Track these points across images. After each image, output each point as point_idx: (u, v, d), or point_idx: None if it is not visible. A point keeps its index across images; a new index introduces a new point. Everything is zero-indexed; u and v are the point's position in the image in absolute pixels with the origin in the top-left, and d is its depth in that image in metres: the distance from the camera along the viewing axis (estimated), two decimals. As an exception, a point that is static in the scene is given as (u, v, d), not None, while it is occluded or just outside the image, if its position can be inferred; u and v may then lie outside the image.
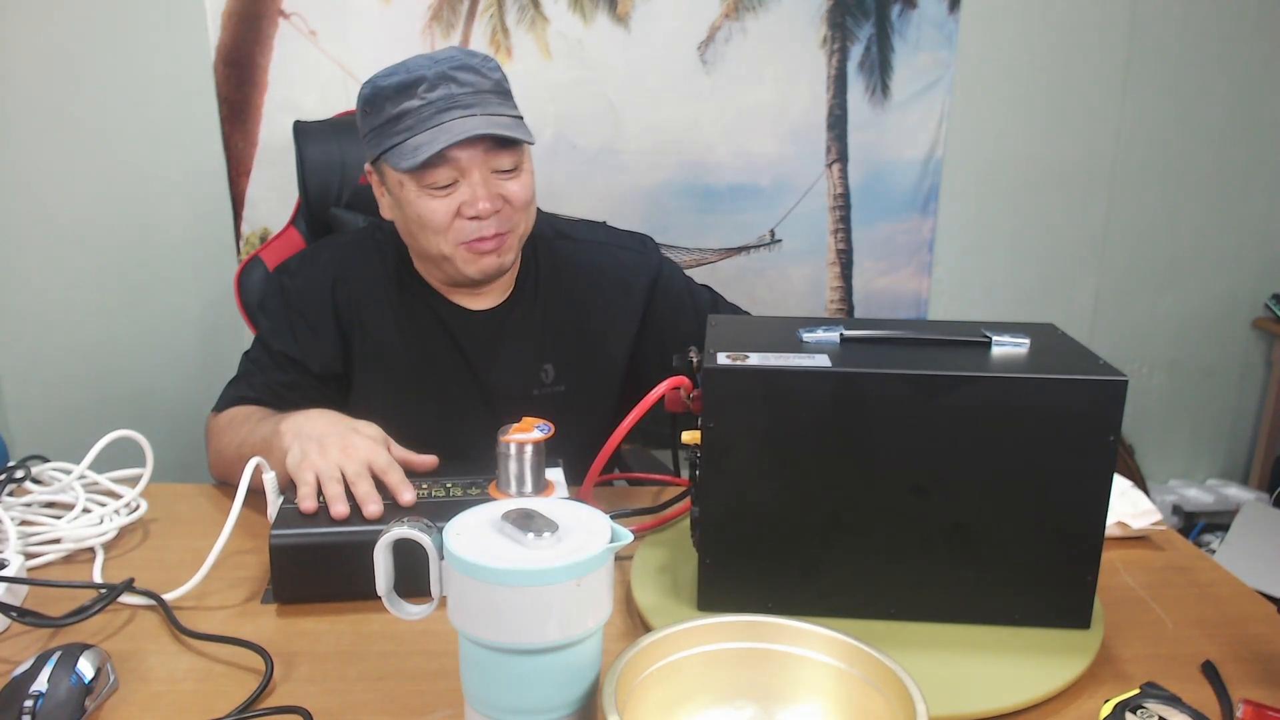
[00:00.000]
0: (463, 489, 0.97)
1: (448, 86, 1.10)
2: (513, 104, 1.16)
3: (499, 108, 1.12)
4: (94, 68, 2.04)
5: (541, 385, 1.25)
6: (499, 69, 1.16)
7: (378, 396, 1.22)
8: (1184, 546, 1.03)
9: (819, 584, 0.83)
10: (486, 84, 1.13)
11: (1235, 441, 2.62)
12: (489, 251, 1.15)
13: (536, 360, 1.25)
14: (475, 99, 1.11)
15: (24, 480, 1.07)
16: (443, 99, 1.09)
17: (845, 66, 2.20)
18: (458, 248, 1.14)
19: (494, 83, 1.14)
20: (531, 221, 1.19)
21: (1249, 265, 2.48)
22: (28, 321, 2.17)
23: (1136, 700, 0.66)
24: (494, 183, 1.12)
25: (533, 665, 0.61)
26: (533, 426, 0.94)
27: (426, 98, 1.09)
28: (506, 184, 1.13)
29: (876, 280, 2.36)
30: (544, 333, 1.25)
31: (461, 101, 1.10)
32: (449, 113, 1.09)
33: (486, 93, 1.12)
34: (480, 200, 1.11)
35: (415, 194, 1.12)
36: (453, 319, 1.23)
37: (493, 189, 1.12)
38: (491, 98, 1.12)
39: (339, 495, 0.92)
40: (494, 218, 1.13)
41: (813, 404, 0.78)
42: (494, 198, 1.12)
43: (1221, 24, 2.29)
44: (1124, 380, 0.76)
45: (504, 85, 1.15)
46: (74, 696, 0.71)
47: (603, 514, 0.66)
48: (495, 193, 1.12)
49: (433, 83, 1.09)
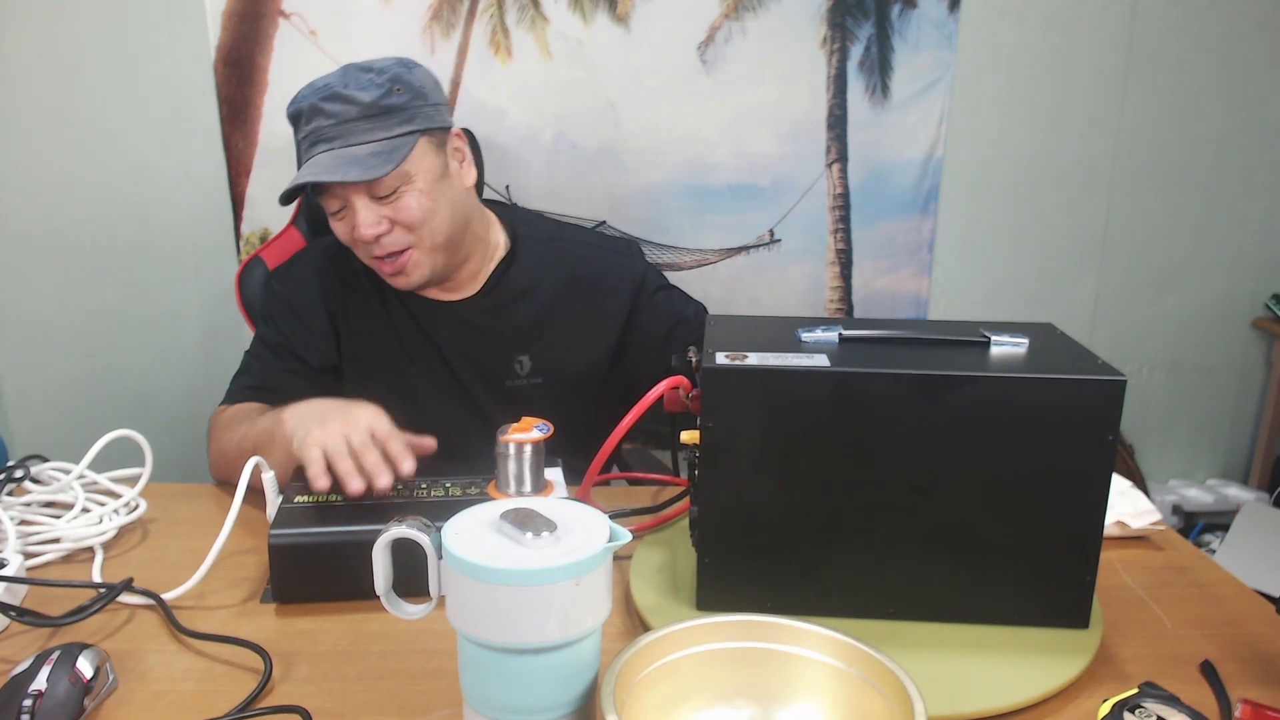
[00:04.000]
0: (461, 489, 0.97)
1: (316, 120, 1.12)
2: (393, 121, 1.13)
3: (363, 135, 1.12)
4: (94, 67, 2.04)
5: (516, 376, 1.28)
6: (388, 81, 1.14)
7: (364, 391, 1.25)
8: (1183, 546, 1.03)
9: (818, 583, 0.83)
10: (353, 111, 1.12)
11: (1235, 441, 2.62)
12: (395, 273, 1.19)
13: (510, 352, 1.28)
14: (339, 130, 1.12)
15: (23, 480, 1.07)
16: (312, 133, 1.13)
17: (845, 66, 2.20)
18: (370, 261, 1.19)
19: (363, 107, 1.12)
20: (443, 225, 1.18)
21: (1249, 265, 2.48)
22: (27, 321, 2.17)
23: (1135, 700, 0.66)
24: (375, 207, 1.14)
25: (531, 665, 0.61)
26: (532, 426, 0.94)
27: (304, 131, 1.14)
28: (391, 207, 1.14)
29: (876, 280, 2.36)
30: (519, 326, 1.27)
31: (325, 135, 1.12)
32: (315, 148, 1.13)
33: (353, 120, 1.12)
34: (360, 227, 1.14)
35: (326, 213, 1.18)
36: (424, 312, 1.27)
37: (374, 214, 1.14)
38: (358, 125, 1.12)
39: (350, 471, 0.93)
40: (384, 239, 1.15)
41: (812, 404, 0.78)
42: (376, 223, 1.14)
43: (1221, 24, 2.29)
44: (1123, 380, 0.76)
45: (381, 103, 1.12)
46: (73, 696, 0.71)
47: (601, 513, 0.66)
48: (379, 217, 1.14)
49: (308, 115, 1.13)
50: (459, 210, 1.21)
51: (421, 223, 1.16)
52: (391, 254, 1.17)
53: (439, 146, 1.18)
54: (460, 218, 1.21)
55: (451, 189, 1.20)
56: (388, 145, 1.12)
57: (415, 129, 1.14)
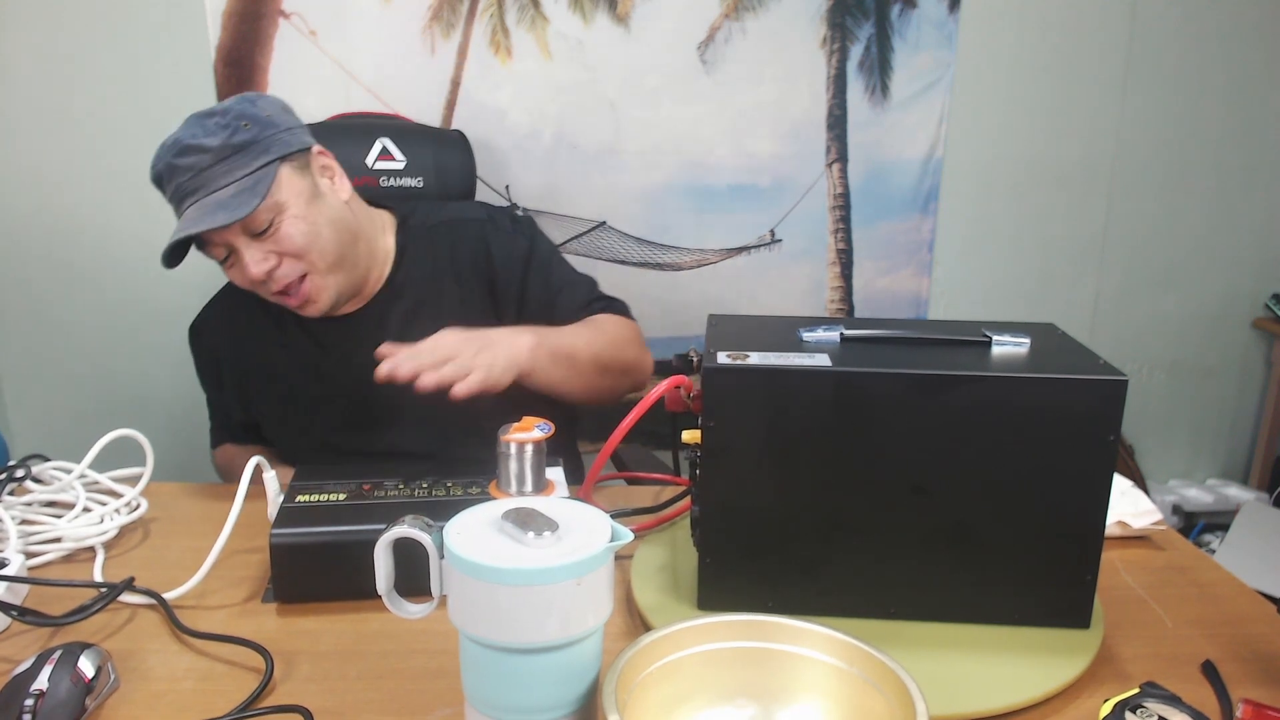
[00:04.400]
0: (463, 488, 0.97)
1: (175, 178, 1.12)
2: (247, 157, 1.12)
3: (222, 179, 1.11)
4: (94, 67, 2.04)
5: None
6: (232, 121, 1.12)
7: (283, 423, 1.29)
8: (1184, 546, 1.03)
9: (819, 583, 0.83)
10: (206, 159, 1.10)
11: (1235, 441, 2.62)
12: (297, 305, 1.18)
13: None
14: (198, 181, 1.11)
15: (24, 479, 1.07)
16: (175, 191, 1.13)
17: (845, 66, 2.20)
18: (274, 299, 1.19)
19: (214, 152, 1.10)
20: (328, 252, 1.17)
21: (1249, 265, 2.48)
22: (28, 321, 2.17)
23: (1136, 700, 0.66)
24: (257, 246, 1.13)
25: (533, 664, 0.61)
26: (533, 426, 0.94)
27: (168, 192, 1.14)
28: (270, 239, 1.13)
29: (876, 280, 2.36)
30: (412, 324, 1.25)
31: (187, 189, 1.12)
32: (183, 204, 1.13)
33: (209, 168, 1.11)
34: (249, 268, 1.13)
35: None
36: (319, 330, 1.26)
37: (260, 252, 1.13)
38: (215, 171, 1.11)
39: None
40: (276, 273, 1.15)
41: (813, 403, 0.78)
42: (263, 259, 1.13)
43: (1221, 24, 2.29)
44: (1124, 380, 0.76)
45: (232, 142, 1.11)
46: (75, 695, 0.71)
47: (603, 513, 0.66)
48: (264, 254, 1.14)
49: (166, 176, 1.13)
50: (342, 226, 1.19)
51: (307, 247, 1.14)
52: (289, 286, 1.16)
53: (303, 169, 1.17)
54: (346, 233, 1.19)
55: (328, 207, 1.18)
56: (249, 181, 1.11)
57: (273, 158, 1.13)
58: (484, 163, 1.80)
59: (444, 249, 1.29)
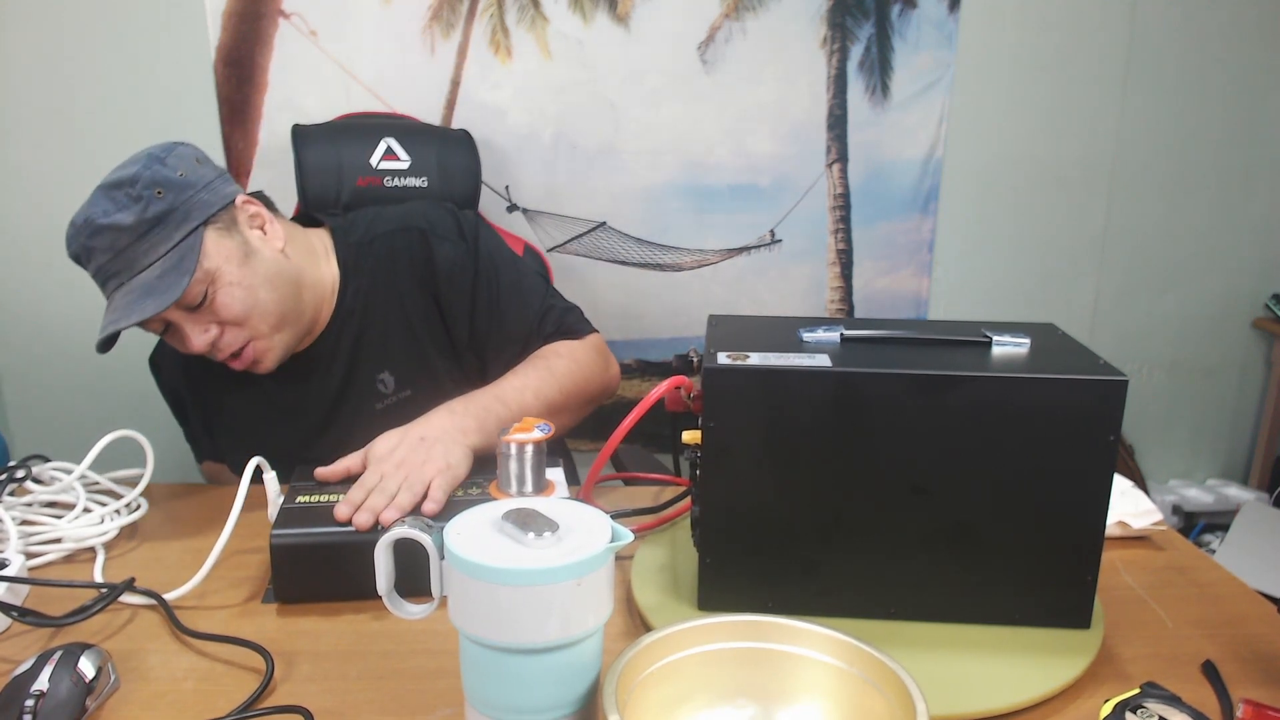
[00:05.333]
0: (462, 489, 0.97)
1: (94, 259, 1.06)
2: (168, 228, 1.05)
3: (145, 258, 1.04)
4: (94, 67, 2.04)
5: (383, 397, 1.22)
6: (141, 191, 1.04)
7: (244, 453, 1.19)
8: (1184, 546, 1.03)
9: (819, 583, 0.83)
10: (124, 239, 1.03)
11: (1235, 441, 2.62)
12: (247, 367, 1.13)
13: (369, 374, 1.22)
14: (118, 263, 1.05)
15: (25, 480, 1.07)
16: (97, 274, 1.08)
17: (845, 66, 2.20)
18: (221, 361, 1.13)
19: (129, 230, 1.03)
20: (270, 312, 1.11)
21: (1249, 265, 2.48)
22: (28, 321, 2.17)
23: (1137, 700, 0.66)
24: (197, 317, 1.08)
25: (533, 665, 0.61)
26: (533, 426, 0.94)
27: (91, 271, 1.08)
28: (209, 311, 1.08)
29: (877, 280, 2.36)
30: (369, 347, 1.21)
31: (108, 271, 1.06)
32: (107, 286, 1.08)
33: (127, 248, 1.04)
34: (190, 344, 1.09)
35: None
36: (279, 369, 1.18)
37: (199, 325, 1.08)
38: (135, 250, 1.04)
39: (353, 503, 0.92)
40: (220, 343, 1.10)
41: (813, 404, 0.78)
42: (204, 332, 1.08)
43: (1221, 24, 2.29)
44: (1124, 380, 0.76)
45: (148, 215, 1.03)
46: (75, 696, 0.71)
47: (603, 513, 0.66)
48: (203, 326, 1.08)
49: (84, 256, 1.07)
50: (282, 281, 1.12)
51: (246, 314, 1.09)
52: (235, 352, 1.11)
53: (229, 228, 1.10)
54: (287, 286, 1.13)
55: (263, 263, 1.11)
56: (174, 257, 1.04)
57: (194, 224, 1.06)
58: (484, 163, 1.80)
59: (384, 264, 1.21)
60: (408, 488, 0.92)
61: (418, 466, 0.94)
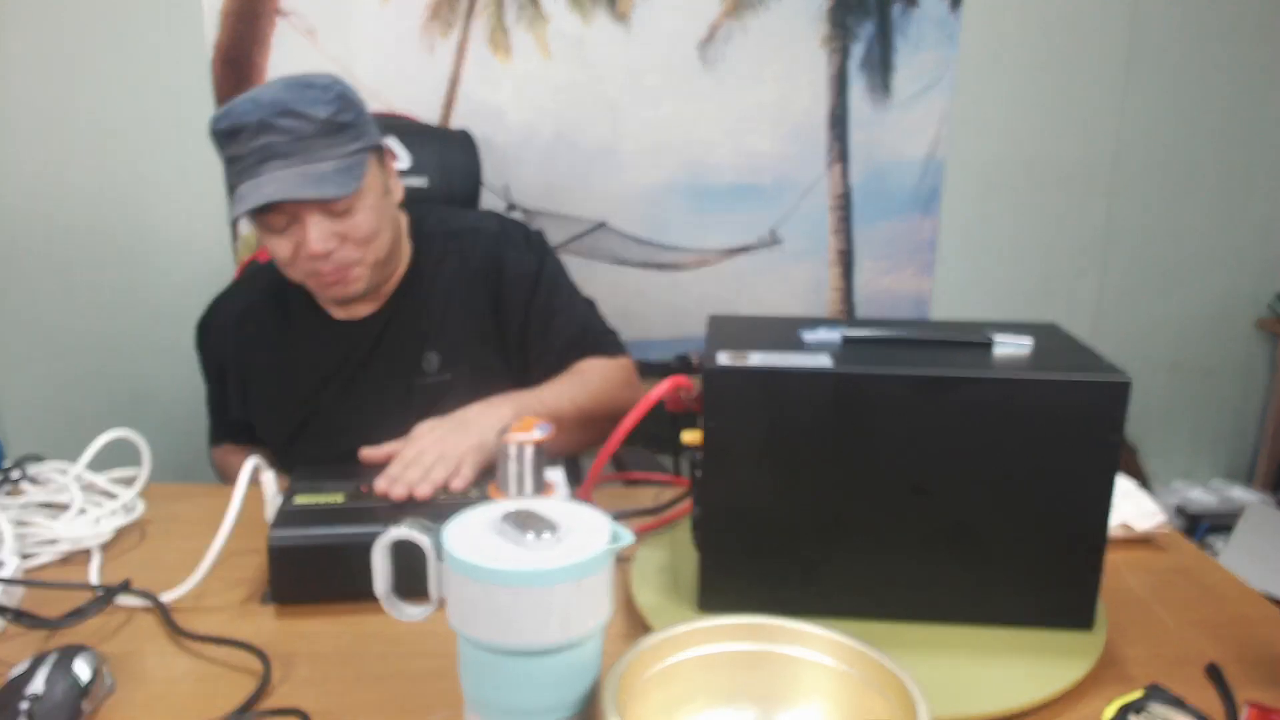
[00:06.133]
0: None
1: (267, 135, 1.08)
2: (346, 138, 1.12)
3: (323, 151, 1.09)
4: (92, 66, 2.04)
5: (425, 375, 1.26)
6: (336, 98, 1.11)
7: (282, 419, 1.28)
8: (1188, 548, 1.03)
9: (820, 585, 0.82)
10: (310, 128, 1.09)
11: (1239, 442, 2.62)
12: (336, 284, 1.17)
13: (417, 352, 1.26)
14: (295, 146, 1.08)
15: (20, 480, 1.07)
16: (262, 149, 1.08)
17: (846, 65, 2.20)
18: (307, 278, 1.18)
19: (320, 124, 1.09)
20: (386, 241, 1.18)
21: (1252, 265, 2.48)
22: (26, 321, 2.17)
23: (1140, 702, 0.65)
24: (327, 224, 1.12)
25: (533, 667, 0.61)
26: (533, 426, 0.93)
27: (249, 146, 1.09)
28: (342, 225, 1.13)
29: (878, 280, 2.36)
30: (426, 327, 1.26)
31: (279, 150, 1.08)
32: (267, 164, 1.08)
33: (310, 137, 1.09)
34: (312, 244, 1.11)
35: (261, 233, 1.15)
36: (332, 332, 1.26)
37: (326, 230, 1.12)
38: (316, 142, 1.09)
39: None
40: (334, 255, 1.14)
41: (814, 404, 0.78)
42: (327, 239, 1.12)
43: (1222, 24, 2.29)
44: (1127, 381, 0.76)
45: (337, 119, 1.10)
46: (70, 699, 0.70)
47: (604, 514, 0.65)
48: (330, 233, 1.12)
49: (253, 131, 1.08)
50: (395, 226, 1.22)
51: (370, 239, 1.15)
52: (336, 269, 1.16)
53: (380, 164, 1.18)
54: (396, 233, 1.22)
55: (391, 206, 1.20)
56: (347, 163, 1.11)
57: (365, 145, 1.13)
58: (483, 162, 1.80)
59: (455, 258, 1.29)
60: (442, 463, 0.99)
61: (453, 444, 1.02)
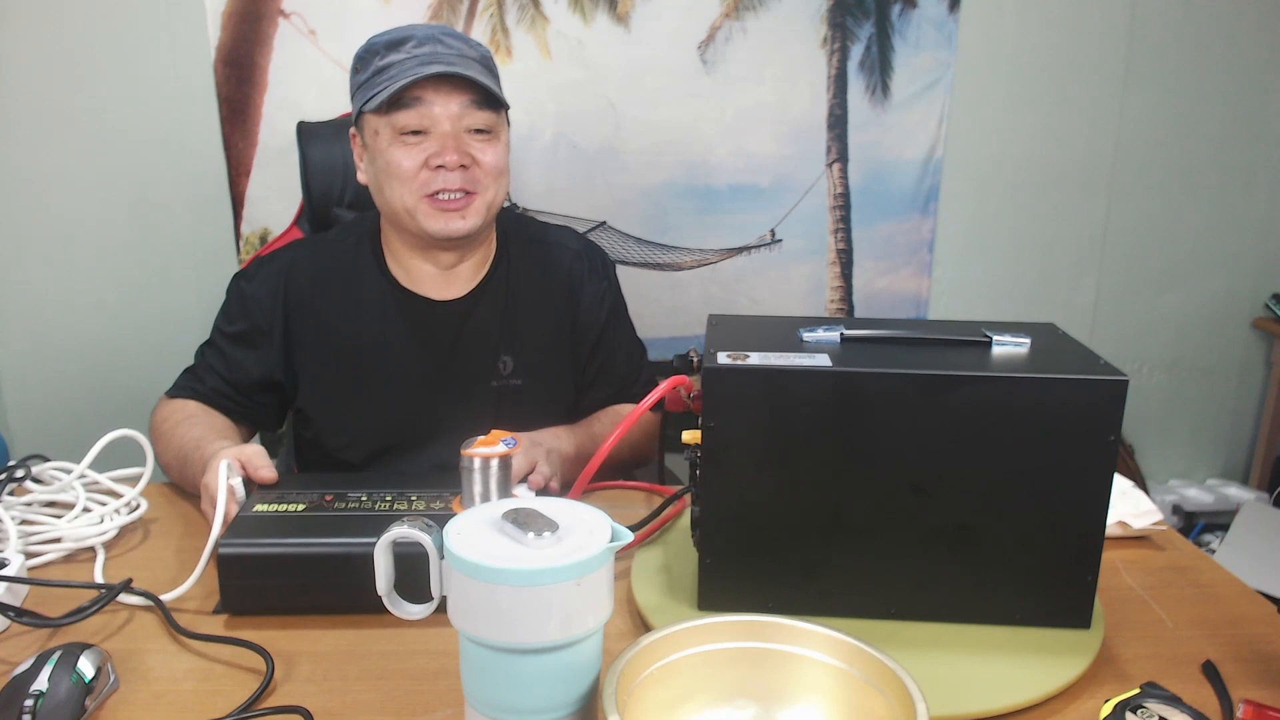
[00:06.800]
0: (426, 502, 0.94)
1: (435, 45, 1.12)
2: (496, 80, 1.17)
3: (481, 74, 1.13)
4: (94, 67, 2.04)
5: (500, 377, 1.26)
6: (490, 54, 1.19)
7: (327, 385, 1.23)
8: (1184, 546, 1.03)
9: (819, 583, 0.83)
10: (474, 54, 1.15)
11: (1235, 441, 2.62)
12: (454, 210, 1.15)
13: (495, 352, 1.26)
14: (459, 60, 1.13)
15: (24, 479, 1.07)
16: (428, 54, 1.12)
17: (845, 66, 2.20)
18: (421, 200, 1.15)
19: (481, 56, 1.16)
20: (502, 194, 1.20)
21: (1249, 265, 2.48)
22: (28, 321, 2.17)
23: (1137, 700, 0.66)
24: (465, 140, 1.14)
25: (533, 665, 0.61)
26: (498, 440, 0.89)
27: (413, 52, 1.12)
28: (478, 146, 1.15)
29: (877, 280, 2.36)
30: (505, 326, 1.26)
31: (445, 59, 1.12)
32: (430, 65, 1.11)
33: (472, 60, 1.14)
34: (448, 151, 1.12)
35: (388, 142, 1.13)
36: (414, 308, 1.24)
37: (462, 144, 1.13)
38: (476, 65, 1.14)
39: None
40: (460, 173, 1.14)
41: (813, 403, 0.78)
42: (462, 152, 1.13)
43: (1221, 24, 2.29)
44: (1124, 380, 0.76)
45: (491, 63, 1.18)
46: (74, 696, 0.71)
47: (603, 513, 0.66)
48: (465, 149, 1.14)
49: (421, 40, 1.12)
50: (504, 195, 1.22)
51: (496, 175, 1.17)
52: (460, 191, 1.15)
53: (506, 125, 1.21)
54: (500, 205, 1.22)
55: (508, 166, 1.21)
56: (498, 95, 1.15)
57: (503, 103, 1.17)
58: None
59: (538, 267, 1.29)
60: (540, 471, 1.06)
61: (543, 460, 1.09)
